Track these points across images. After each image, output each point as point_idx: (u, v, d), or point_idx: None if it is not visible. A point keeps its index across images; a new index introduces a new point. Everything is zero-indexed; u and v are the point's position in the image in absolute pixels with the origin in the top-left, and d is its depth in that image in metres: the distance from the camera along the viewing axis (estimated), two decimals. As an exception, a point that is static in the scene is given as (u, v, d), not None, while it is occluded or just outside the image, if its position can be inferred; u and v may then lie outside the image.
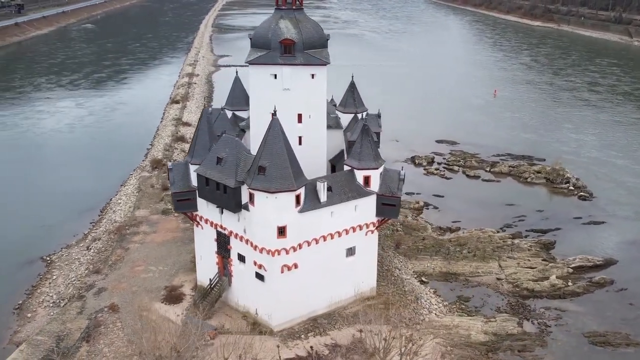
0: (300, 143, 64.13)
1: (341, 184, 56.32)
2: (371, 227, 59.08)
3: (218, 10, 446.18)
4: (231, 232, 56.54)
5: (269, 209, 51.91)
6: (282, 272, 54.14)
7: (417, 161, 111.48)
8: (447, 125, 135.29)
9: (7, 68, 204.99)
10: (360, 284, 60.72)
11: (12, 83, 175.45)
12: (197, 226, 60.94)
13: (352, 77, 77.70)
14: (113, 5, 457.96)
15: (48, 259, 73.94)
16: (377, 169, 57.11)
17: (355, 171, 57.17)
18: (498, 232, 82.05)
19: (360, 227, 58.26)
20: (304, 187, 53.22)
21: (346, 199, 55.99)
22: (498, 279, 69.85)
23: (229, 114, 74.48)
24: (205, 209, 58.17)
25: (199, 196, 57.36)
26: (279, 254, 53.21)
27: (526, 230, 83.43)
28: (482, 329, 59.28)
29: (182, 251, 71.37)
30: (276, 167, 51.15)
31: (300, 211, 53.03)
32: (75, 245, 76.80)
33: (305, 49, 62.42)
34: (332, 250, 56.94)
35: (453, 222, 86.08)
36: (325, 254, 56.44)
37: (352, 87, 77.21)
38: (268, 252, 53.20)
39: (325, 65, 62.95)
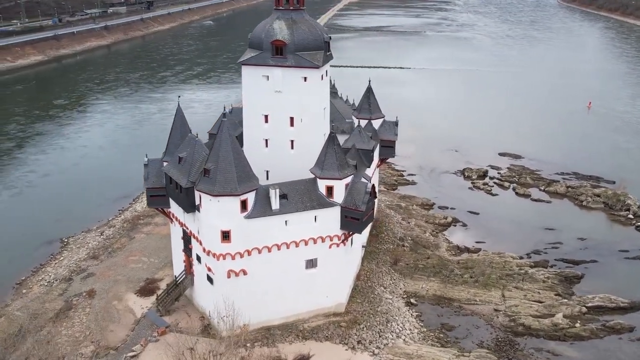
0: (292, 147, 62.64)
1: (300, 192, 53.97)
2: (335, 240, 56.04)
3: (337, 10, 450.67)
4: (191, 232, 56.48)
5: (213, 212, 51.13)
6: (228, 277, 53.05)
7: (466, 174, 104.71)
8: (518, 137, 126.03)
9: (113, 62, 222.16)
10: (325, 298, 57.99)
11: (107, 77, 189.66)
12: (171, 223, 61.61)
13: (369, 81, 74.30)
14: (239, 3, 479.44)
15: (65, 240, 78.65)
16: (340, 179, 53.99)
17: (318, 180, 54.53)
18: (521, 258, 74.80)
19: (322, 239, 55.46)
20: (253, 192, 51.71)
21: (303, 208, 53.58)
22: (496, 310, 63.47)
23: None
24: (175, 206, 58.59)
25: (167, 193, 57.88)
26: (223, 258, 52.22)
27: (555, 259, 75.16)
28: (448, 363, 54.15)
29: (179, 245, 72.52)
30: (221, 170, 50.16)
31: (247, 217, 51.56)
32: (93, 231, 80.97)
33: (297, 50, 60.65)
34: (289, 260, 54.73)
35: (476, 242, 79.76)
36: (279, 264, 54.43)
37: (369, 92, 74.17)
38: (214, 255, 52.47)
39: (317, 68, 60.33)
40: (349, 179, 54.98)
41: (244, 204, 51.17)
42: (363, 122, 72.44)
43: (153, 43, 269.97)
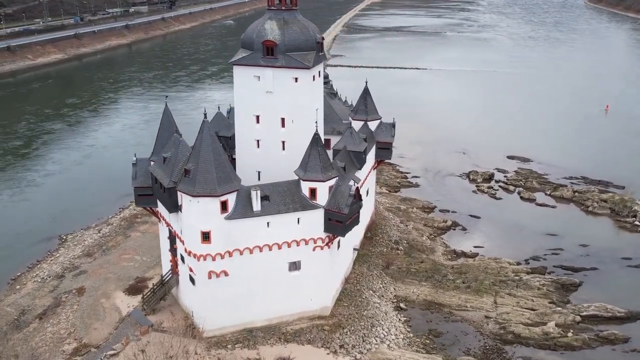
0: (283, 148, 62.24)
1: (282, 194, 53.53)
2: (319, 243, 55.47)
3: (358, 10, 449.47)
4: (175, 232, 56.48)
5: (193, 213, 51.03)
6: (209, 277, 52.89)
7: (471, 176, 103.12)
8: (530, 140, 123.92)
9: (130, 61, 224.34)
10: (309, 301, 57.44)
11: (122, 76, 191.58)
12: (159, 222, 61.71)
13: (366, 83, 73.44)
14: (262, 3, 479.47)
15: (64, 237, 79.28)
16: (324, 181, 53.41)
17: (301, 182, 54.04)
18: (518, 264, 73.32)
19: (306, 242, 54.95)
20: (234, 193, 51.43)
21: (286, 210, 53.14)
22: (486, 317, 62.19)
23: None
24: (161, 206, 58.63)
25: (153, 193, 57.96)
26: (204, 259, 52.08)
27: (554, 266, 73.45)
28: (431, 370, 53.23)
29: (173, 245, 72.62)
30: (201, 171, 49.99)
31: (228, 218, 51.31)
32: (92, 228, 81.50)
33: (287, 51, 60.15)
34: (271, 262, 54.37)
35: (474, 247, 78.41)
36: (262, 265, 54.09)
37: (365, 94, 73.33)
38: (194, 255, 52.37)
39: (307, 69, 59.72)
40: (332, 181, 54.36)
41: (224, 205, 50.90)
42: (360, 124, 72.04)
43: (172, 42, 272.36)
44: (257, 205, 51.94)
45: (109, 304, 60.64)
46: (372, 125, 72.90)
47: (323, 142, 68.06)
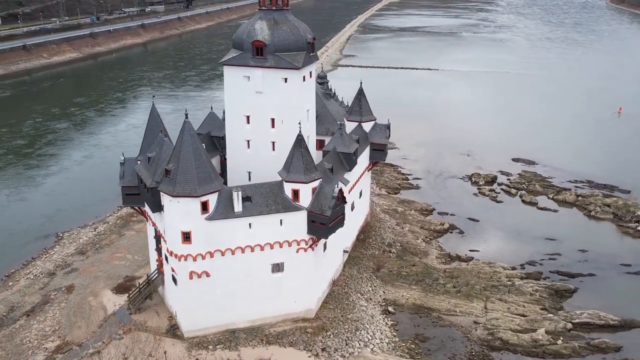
0: (273, 149, 62.05)
1: (265, 195, 53.20)
2: (303, 245, 55.05)
3: (375, 10, 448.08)
4: (159, 232, 56.51)
5: (174, 213, 50.96)
6: (190, 278, 52.76)
7: (474, 179, 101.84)
8: (537, 142, 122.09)
9: (143, 60, 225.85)
10: (292, 303, 57.04)
11: (133, 75, 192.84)
12: (147, 221, 61.81)
13: (361, 83, 72.84)
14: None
15: (60, 235, 79.91)
16: (306, 183, 52.96)
17: (284, 183, 53.67)
18: (513, 268, 72.14)
19: (289, 243, 54.57)
20: (215, 194, 51.24)
21: (268, 211, 52.81)
22: (475, 322, 61.18)
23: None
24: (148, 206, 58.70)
25: (140, 192, 58.04)
26: (185, 259, 51.96)
27: (550, 271, 72.13)
28: (413, 375, 52.51)
29: (165, 244, 72.67)
30: (181, 171, 49.88)
31: (209, 219, 51.13)
32: (88, 226, 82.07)
33: (277, 51, 59.94)
34: (253, 263, 54.10)
35: (470, 250, 77.35)
36: (244, 267, 53.84)
37: (360, 95, 72.74)
38: (175, 256, 52.31)
39: (297, 69, 59.37)
40: (316, 183, 53.88)
41: (204, 206, 50.72)
42: (354, 125, 71.54)
43: (187, 42, 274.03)
44: (238, 206, 51.67)
45: (96, 302, 60.83)
46: (367, 126, 72.30)
47: (316, 143, 68.58)
